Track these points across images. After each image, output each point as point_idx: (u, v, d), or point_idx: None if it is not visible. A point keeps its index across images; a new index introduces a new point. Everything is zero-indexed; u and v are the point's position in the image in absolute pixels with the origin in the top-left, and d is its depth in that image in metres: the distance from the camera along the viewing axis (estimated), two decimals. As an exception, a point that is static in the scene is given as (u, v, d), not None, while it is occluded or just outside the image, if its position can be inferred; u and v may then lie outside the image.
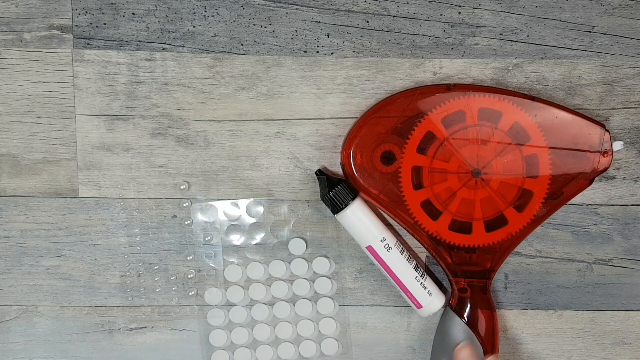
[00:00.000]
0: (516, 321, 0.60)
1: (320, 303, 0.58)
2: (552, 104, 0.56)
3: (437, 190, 0.56)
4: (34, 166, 0.58)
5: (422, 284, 0.57)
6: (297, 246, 0.58)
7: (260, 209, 0.58)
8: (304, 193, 0.58)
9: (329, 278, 0.58)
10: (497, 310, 0.58)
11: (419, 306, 0.57)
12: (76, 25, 0.57)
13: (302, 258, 0.58)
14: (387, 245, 0.56)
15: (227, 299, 0.58)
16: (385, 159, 0.56)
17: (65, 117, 0.57)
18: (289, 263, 0.58)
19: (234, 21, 0.57)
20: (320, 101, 0.58)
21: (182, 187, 0.58)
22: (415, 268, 0.57)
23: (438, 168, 0.56)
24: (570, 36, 0.58)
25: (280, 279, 0.58)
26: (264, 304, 0.58)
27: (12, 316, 0.59)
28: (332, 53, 0.58)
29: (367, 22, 0.57)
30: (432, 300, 0.57)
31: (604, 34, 0.58)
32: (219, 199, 0.58)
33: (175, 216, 0.58)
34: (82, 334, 0.59)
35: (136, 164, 0.58)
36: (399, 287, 0.57)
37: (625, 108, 0.58)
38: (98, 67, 0.57)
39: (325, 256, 0.59)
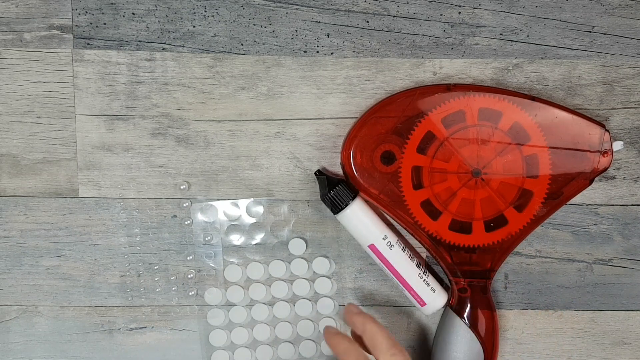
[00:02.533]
0: (516, 321, 0.60)
1: (320, 303, 0.58)
2: (552, 104, 0.56)
3: (437, 190, 0.56)
4: (34, 166, 0.58)
5: (424, 281, 0.57)
6: (297, 246, 0.58)
7: (260, 209, 0.58)
8: (304, 193, 0.58)
9: (329, 278, 0.58)
10: (497, 310, 0.58)
11: (423, 304, 0.57)
12: (76, 25, 0.57)
13: (302, 258, 0.58)
14: (389, 243, 0.56)
15: (227, 299, 0.58)
16: (385, 159, 0.56)
17: (65, 117, 0.57)
18: (289, 263, 0.58)
19: (234, 21, 0.57)
20: (320, 101, 0.58)
21: (182, 187, 0.58)
22: (417, 265, 0.57)
23: (438, 168, 0.56)
24: (570, 36, 0.58)
25: (280, 279, 0.58)
26: (264, 304, 0.58)
27: (12, 316, 0.59)
28: (332, 53, 0.58)
29: (367, 22, 0.57)
30: (435, 297, 0.57)
31: (604, 34, 0.58)
32: (219, 199, 0.58)
33: (175, 216, 0.58)
34: (82, 334, 0.59)
35: (136, 164, 0.58)
36: (402, 286, 0.57)
37: (625, 108, 0.58)
38: (98, 67, 0.57)
39: (325, 256, 0.59)
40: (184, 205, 0.58)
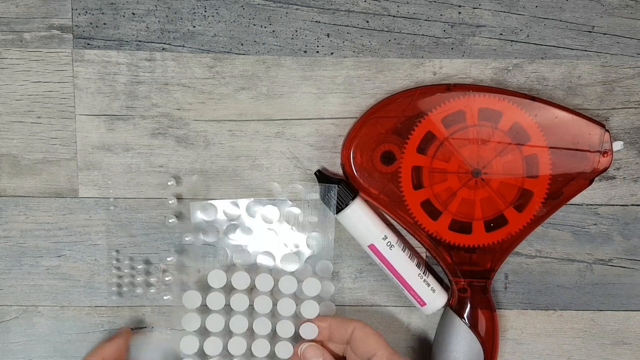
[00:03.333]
0: (516, 321, 0.60)
1: (304, 327, 0.55)
2: (552, 104, 0.56)
3: (437, 190, 0.56)
4: (34, 166, 0.58)
5: (425, 280, 0.57)
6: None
7: (260, 208, 0.58)
8: (304, 193, 0.58)
9: (317, 301, 0.55)
10: (497, 310, 0.58)
11: (423, 304, 0.57)
12: (76, 25, 0.57)
13: (292, 276, 0.56)
14: (389, 243, 0.56)
15: (206, 304, 0.55)
16: (385, 159, 0.56)
17: (65, 117, 0.57)
18: (278, 279, 0.56)
19: (234, 21, 0.57)
20: (320, 101, 0.58)
21: (169, 183, 0.57)
22: (417, 265, 0.57)
23: (438, 168, 0.56)
24: (570, 36, 0.58)
25: (264, 294, 0.56)
26: (244, 315, 0.55)
27: (12, 316, 0.59)
28: (332, 53, 0.58)
29: (367, 22, 0.57)
30: (435, 297, 0.57)
31: (604, 34, 0.58)
32: (218, 199, 0.58)
33: (175, 216, 0.58)
34: (82, 334, 0.59)
35: (136, 164, 0.58)
36: (402, 286, 0.57)
37: (625, 108, 0.58)
38: (98, 67, 0.57)
39: (316, 277, 0.56)
40: (170, 202, 0.57)
